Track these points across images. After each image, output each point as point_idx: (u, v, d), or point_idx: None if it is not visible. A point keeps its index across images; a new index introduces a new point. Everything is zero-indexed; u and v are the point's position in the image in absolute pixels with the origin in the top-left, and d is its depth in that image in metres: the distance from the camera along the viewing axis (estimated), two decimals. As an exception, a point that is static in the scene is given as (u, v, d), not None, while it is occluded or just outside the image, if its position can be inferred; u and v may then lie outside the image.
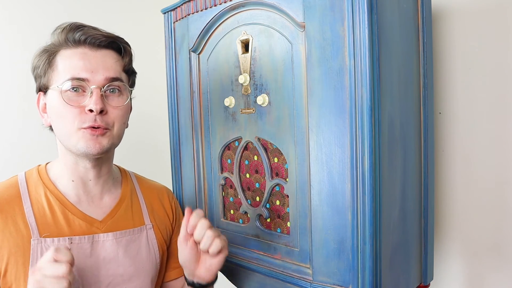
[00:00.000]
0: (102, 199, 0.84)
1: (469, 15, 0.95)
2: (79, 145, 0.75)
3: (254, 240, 0.89)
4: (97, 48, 0.78)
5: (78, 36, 0.76)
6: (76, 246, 0.76)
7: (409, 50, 0.80)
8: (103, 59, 0.78)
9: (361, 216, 0.70)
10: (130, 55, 0.84)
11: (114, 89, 0.78)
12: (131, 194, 0.88)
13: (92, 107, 0.74)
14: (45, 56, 0.78)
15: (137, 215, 0.86)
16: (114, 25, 0.92)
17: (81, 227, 0.78)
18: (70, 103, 0.74)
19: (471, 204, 0.98)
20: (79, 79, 0.75)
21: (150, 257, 0.85)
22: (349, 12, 0.68)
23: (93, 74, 0.76)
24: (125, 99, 0.80)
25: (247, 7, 0.83)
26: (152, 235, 0.86)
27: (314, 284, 0.76)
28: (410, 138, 0.81)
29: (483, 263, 0.97)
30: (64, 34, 0.77)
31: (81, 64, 0.75)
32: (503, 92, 0.92)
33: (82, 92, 0.76)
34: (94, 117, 0.75)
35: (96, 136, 0.75)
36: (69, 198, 0.80)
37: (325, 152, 0.73)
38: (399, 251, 0.79)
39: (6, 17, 1.22)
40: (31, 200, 0.77)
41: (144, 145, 1.47)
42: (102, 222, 0.80)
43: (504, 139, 0.92)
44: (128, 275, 0.81)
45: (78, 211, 0.79)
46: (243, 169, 0.91)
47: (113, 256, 0.79)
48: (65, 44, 0.77)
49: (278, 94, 0.80)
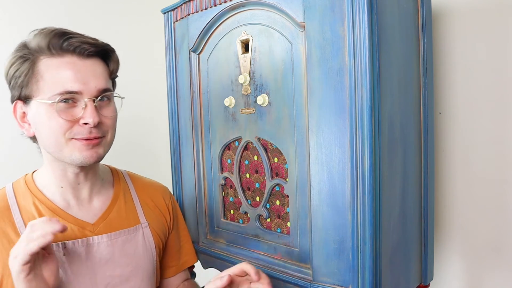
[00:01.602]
0: (92, 202, 0.83)
1: (469, 15, 0.95)
2: (74, 156, 0.74)
3: (254, 240, 0.89)
4: (85, 57, 0.74)
5: (66, 45, 0.72)
6: (70, 250, 0.75)
7: (409, 50, 0.80)
8: (92, 68, 0.74)
9: (361, 216, 0.70)
10: (117, 63, 0.81)
11: (104, 98, 0.76)
12: (124, 193, 0.88)
13: (88, 120, 0.72)
14: (26, 65, 0.73)
15: (131, 214, 0.86)
16: (114, 25, 0.92)
17: (73, 232, 0.77)
18: (63, 116, 0.72)
19: (471, 204, 0.98)
20: (72, 92, 0.72)
21: (147, 255, 0.85)
22: (349, 12, 0.68)
23: (85, 85, 0.72)
24: (114, 107, 0.79)
25: (247, 7, 0.83)
26: (148, 233, 0.86)
27: (314, 284, 0.76)
28: (410, 138, 0.81)
29: (483, 263, 0.97)
30: (47, 40, 0.72)
31: (71, 75, 0.72)
32: (503, 92, 0.92)
33: (73, 104, 0.73)
34: (89, 130, 0.73)
35: (91, 146, 0.75)
36: (58, 204, 0.79)
37: (325, 152, 0.73)
38: (399, 251, 0.79)
39: (6, 17, 1.22)
40: (20, 210, 0.76)
41: (144, 145, 1.47)
42: (94, 225, 0.80)
43: (504, 139, 0.92)
44: (126, 275, 0.80)
45: (69, 215, 0.78)
46: (243, 169, 0.91)
47: (109, 257, 0.79)
48: (47, 52, 0.72)
49: (278, 94, 0.80)
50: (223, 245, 0.95)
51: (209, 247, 0.97)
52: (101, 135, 0.76)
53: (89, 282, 0.77)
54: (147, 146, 1.48)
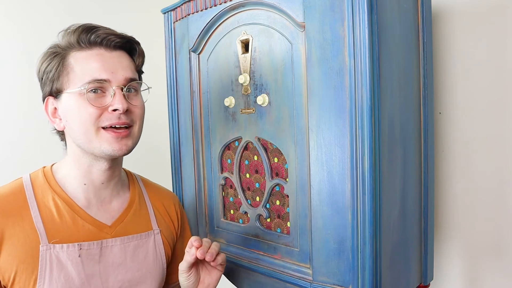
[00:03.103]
0: (111, 203, 0.82)
1: (469, 15, 0.95)
2: (103, 147, 0.74)
3: (254, 240, 0.89)
4: (112, 49, 0.77)
5: (93, 38, 0.75)
6: (85, 252, 0.75)
7: (409, 50, 0.80)
8: (119, 60, 0.77)
9: (361, 216, 0.70)
10: (143, 56, 0.83)
11: (131, 89, 0.78)
12: (139, 198, 0.87)
13: (118, 106, 0.73)
14: (56, 60, 0.75)
15: (144, 220, 0.85)
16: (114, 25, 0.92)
17: (90, 232, 0.76)
18: (93, 103, 0.73)
19: (471, 204, 0.98)
20: (100, 80, 0.74)
21: (157, 262, 0.84)
22: (349, 12, 0.68)
23: (113, 74, 0.75)
24: (141, 99, 0.81)
25: (247, 7, 0.83)
26: (159, 240, 0.85)
27: (314, 284, 0.76)
28: (410, 138, 0.81)
29: (483, 263, 0.97)
30: (76, 35, 0.75)
31: (99, 65, 0.74)
32: (503, 92, 0.92)
33: (102, 93, 0.74)
34: (118, 115, 0.74)
35: (120, 138, 0.75)
36: (78, 202, 0.78)
37: (325, 152, 0.73)
38: (399, 251, 0.79)
39: (6, 17, 1.22)
40: (38, 204, 0.75)
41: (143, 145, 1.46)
42: (111, 227, 0.79)
43: (504, 139, 0.92)
44: (136, 280, 0.80)
45: (88, 215, 0.78)
46: (243, 169, 0.90)
47: (122, 261, 0.79)
48: (77, 46, 0.75)
49: (278, 94, 0.80)
50: (223, 245, 0.95)
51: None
52: (130, 123, 0.76)
53: (99, 285, 0.76)
54: (147, 146, 1.48)
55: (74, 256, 0.73)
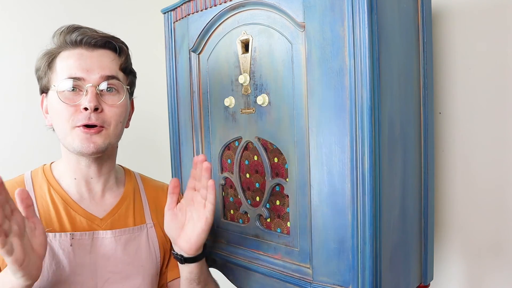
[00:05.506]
0: (104, 197, 0.85)
1: (469, 15, 0.95)
2: (75, 144, 0.77)
3: (254, 240, 0.89)
4: (93, 48, 0.80)
5: (74, 37, 0.78)
6: (77, 241, 0.78)
7: (409, 50, 0.80)
8: (99, 59, 0.79)
9: (361, 216, 0.70)
10: (126, 54, 0.85)
11: (111, 88, 0.80)
12: (133, 193, 0.89)
13: (86, 104, 0.75)
14: (45, 59, 0.80)
15: (138, 214, 0.87)
16: (114, 25, 0.93)
17: (82, 224, 0.80)
18: (66, 101, 0.76)
19: (471, 204, 0.98)
20: (75, 78, 0.77)
21: (150, 255, 0.85)
22: (349, 12, 0.68)
23: (89, 73, 0.77)
24: (123, 100, 0.81)
25: (247, 7, 0.83)
26: (153, 234, 0.86)
27: (314, 284, 0.76)
28: (410, 138, 0.81)
29: (483, 263, 0.97)
30: (63, 36, 0.79)
31: (77, 64, 0.78)
32: (503, 92, 0.92)
33: (79, 92, 0.77)
34: (88, 115, 0.76)
35: (90, 135, 0.77)
36: (71, 195, 0.82)
37: (325, 152, 0.73)
38: (399, 251, 0.79)
39: (6, 17, 1.22)
40: (36, 197, 0.80)
41: (143, 145, 1.47)
42: (102, 220, 0.82)
43: (504, 139, 0.92)
44: (126, 273, 0.81)
45: (80, 208, 0.81)
46: (243, 169, 0.91)
47: (112, 253, 0.80)
48: (64, 46, 0.79)
49: (278, 94, 0.80)
50: (223, 245, 0.95)
51: (209, 247, 0.97)
52: (101, 124, 0.77)
53: (89, 275, 0.78)
54: (147, 146, 1.48)
55: (66, 245, 0.77)
